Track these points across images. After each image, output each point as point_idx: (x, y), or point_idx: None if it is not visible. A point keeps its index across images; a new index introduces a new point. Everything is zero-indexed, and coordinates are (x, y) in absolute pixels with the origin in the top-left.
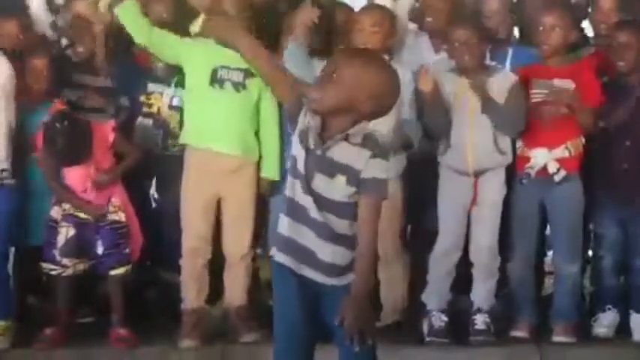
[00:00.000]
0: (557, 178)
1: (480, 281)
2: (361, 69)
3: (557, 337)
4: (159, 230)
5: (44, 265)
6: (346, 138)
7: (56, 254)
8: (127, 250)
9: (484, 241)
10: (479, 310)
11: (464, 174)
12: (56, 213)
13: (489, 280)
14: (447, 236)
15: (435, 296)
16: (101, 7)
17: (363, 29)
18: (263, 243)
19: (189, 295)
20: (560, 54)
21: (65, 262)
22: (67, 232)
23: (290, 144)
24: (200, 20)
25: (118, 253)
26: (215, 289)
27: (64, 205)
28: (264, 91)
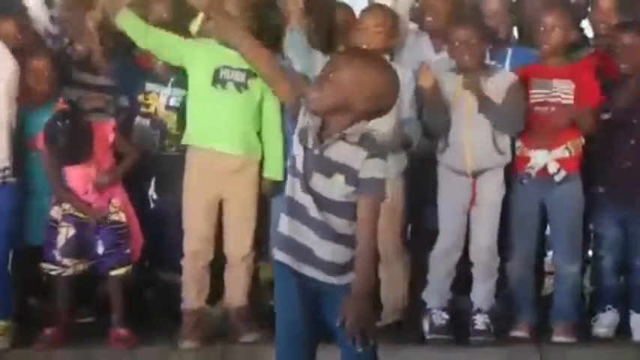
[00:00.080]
0: (557, 178)
1: (480, 281)
2: (358, 69)
3: (557, 337)
4: (158, 231)
5: (44, 266)
6: (344, 137)
7: (56, 254)
8: (128, 251)
9: (483, 241)
10: (479, 311)
11: (462, 174)
12: (56, 213)
13: (489, 281)
14: (446, 236)
15: (436, 295)
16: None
17: (366, 29)
18: (265, 247)
19: (189, 296)
20: (560, 54)
21: (65, 262)
22: (67, 232)
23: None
24: (199, 19)
25: (118, 253)
26: (216, 289)
27: (64, 205)
28: (266, 92)
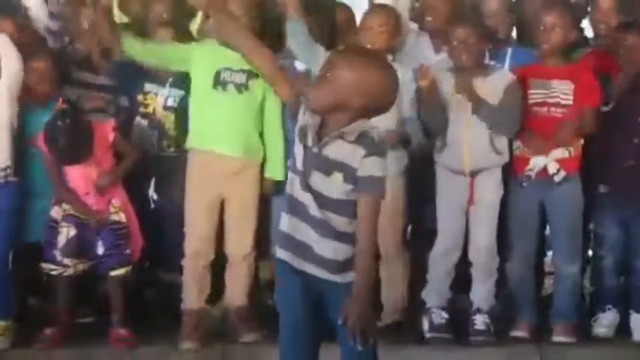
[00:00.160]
0: (557, 178)
1: (480, 281)
2: (357, 68)
3: (557, 337)
4: (158, 231)
5: (44, 266)
6: (342, 136)
7: (57, 254)
8: (128, 251)
9: (482, 241)
10: (478, 311)
11: (460, 173)
12: (56, 213)
13: (488, 281)
14: (445, 236)
15: (435, 294)
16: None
17: (370, 28)
18: (264, 246)
19: (190, 296)
20: (559, 54)
21: (66, 262)
22: (67, 232)
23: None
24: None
25: (118, 253)
26: (216, 289)
27: (64, 205)
28: (268, 92)
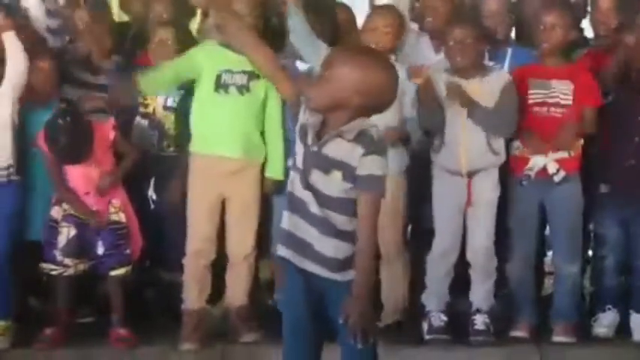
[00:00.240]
0: (556, 178)
1: (479, 282)
2: (356, 66)
3: (557, 337)
4: (158, 231)
5: (45, 266)
6: (341, 134)
7: (57, 254)
8: (128, 251)
9: (480, 242)
10: (478, 311)
11: (457, 174)
12: (56, 213)
13: (487, 281)
14: (443, 237)
15: (434, 297)
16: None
17: (376, 29)
18: (265, 246)
19: (190, 296)
20: (559, 54)
21: (66, 262)
22: (68, 232)
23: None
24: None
25: (118, 253)
26: (216, 289)
27: (64, 205)
28: (270, 91)
